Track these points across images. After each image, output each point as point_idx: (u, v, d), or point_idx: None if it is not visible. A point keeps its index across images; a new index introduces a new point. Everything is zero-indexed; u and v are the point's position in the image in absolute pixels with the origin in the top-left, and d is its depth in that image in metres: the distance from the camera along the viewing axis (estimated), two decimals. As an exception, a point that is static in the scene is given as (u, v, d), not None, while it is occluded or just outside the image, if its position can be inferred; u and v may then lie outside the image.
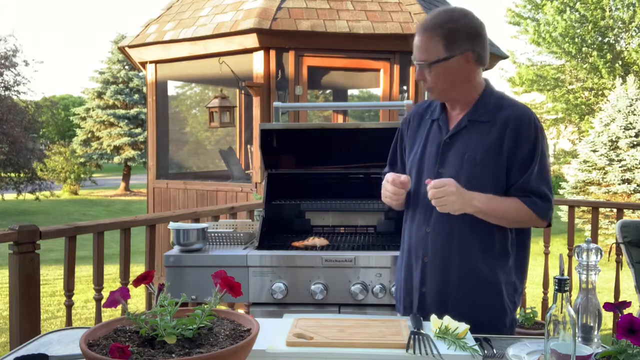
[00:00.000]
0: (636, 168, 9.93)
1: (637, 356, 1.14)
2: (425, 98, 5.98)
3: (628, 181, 9.93)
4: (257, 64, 5.58)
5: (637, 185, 9.82)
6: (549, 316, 1.13)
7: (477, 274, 1.78)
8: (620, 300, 3.38)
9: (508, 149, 1.74)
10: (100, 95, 21.90)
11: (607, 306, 1.31)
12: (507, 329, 1.79)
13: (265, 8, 5.49)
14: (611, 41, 14.87)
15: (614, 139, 10.28)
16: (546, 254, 4.22)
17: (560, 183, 12.34)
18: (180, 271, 2.27)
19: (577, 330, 1.20)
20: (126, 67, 21.58)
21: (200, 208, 5.01)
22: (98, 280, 3.06)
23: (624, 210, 4.45)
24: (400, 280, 1.95)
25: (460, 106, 1.84)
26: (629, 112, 10.34)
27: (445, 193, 1.67)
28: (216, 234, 2.43)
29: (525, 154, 1.74)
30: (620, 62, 14.49)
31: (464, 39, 1.75)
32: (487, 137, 1.76)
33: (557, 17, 14.48)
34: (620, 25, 14.77)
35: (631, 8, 14.47)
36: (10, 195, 16.61)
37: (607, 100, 11.61)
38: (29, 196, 16.44)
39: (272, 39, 5.49)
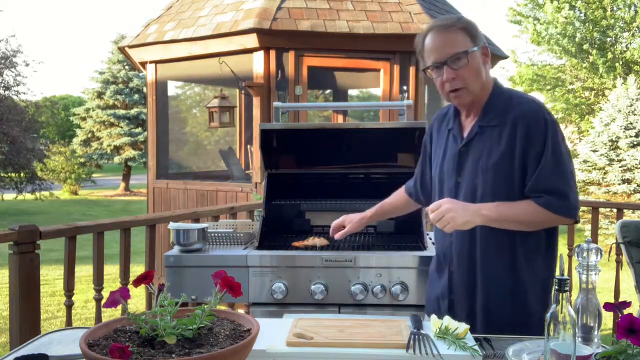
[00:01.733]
0: (636, 168, 9.93)
1: (637, 356, 1.14)
2: (426, 99, 5.98)
3: (628, 181, 9.93)
4: (257, 64, 5.58)
5: (637, 185, 9.82)
6: (549, 316, 1.13)
7: (500, 281, 1.77)
8: (620, 300, 3.38)
9: (520, 150, 1.70)
10: (100, 95, 21.89)
11: (607, 306, 1.30)
12: (534, 331, 1.68)
13: (265, 8, 5.49)
14: (612, 41, 14.87)
15: (614, 139, 10.28)
16: (546, 254, 4.22)
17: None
18: (180, 271, 2.27)
19: (577, 330, 1.20)
20: (126, 67, 21.57)
21: (200, 208, 5.01)
22: (98, 280, 3.06)
23: (624, 210, 4.45)
24: (428, 287, 2.00)
25: (474, 111, 1.82)
26: (629, 112, 10.34)
27: (443, 212, 1.67)
28: (216, 234, 2.43)
29: (536, 152, 1.69)
30: (620, 62, 14.48)
31: (479, 32, 1.77)
32: (499, 141, 1.73)
33: (556, 16, 14.48)
34: (622, 25, 14.76)
35: (632, 8, 14.47)
36: (10, 195, 16.61)
37: (608, 100, 11.61)
38: (29, 196, 16.44)
39: (272, 39, 5.48)
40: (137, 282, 1.20)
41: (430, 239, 2.40)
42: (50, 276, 7.18)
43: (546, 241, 1.79)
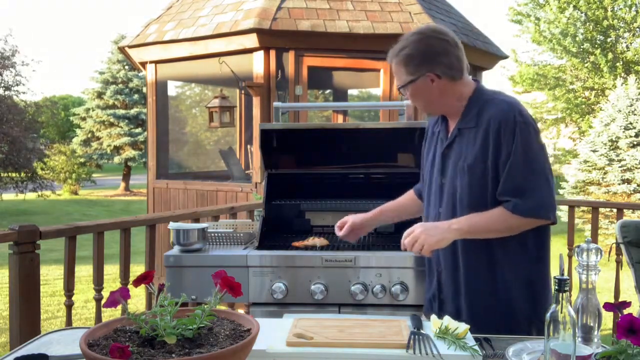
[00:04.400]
0: (636, 168, 9.92)
1: (637, 356, 1.14)
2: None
3: (628, 181, 9.93)
4: (257, 64, 5.58)
5: (637, 185, 9.82)
6: (549, 316, 1.13)
7: (480, 280, 1.80)
8: (620, 300, 3.38)
9: (493, 151, 1.72)
10: (100, 95, 21.88)
11: (607, 306, 1.30)
12: (520, 330, 1.70)
13: (265, 8, 5.49)
14: (612, 41, 14.87)
15: (614, 139, 10.28)
16: (546, 254, 4.21)
17: (560, 183, 12.34)
18: (180, 271, 2.27)
19: (577, 330, 1.20)
20: (126, 67, 21.57)
21: (200, 208, 5.01)
22: (98, 280, 3.06)
23: (624, 210, 4.44)
24: (425, 288, 2.05)
25: (453, 117, 1.87)
26: (629, 112, 10.34)
27: (414, 238, 1.73)
28: (216, 234, 2.43)
29: (506, 153, 1.70)
30: (621, 62, 14.48)
31: (420, 62, 1.78)
32: (474, 143, 1.76)
33: (559, 15, 14.48)
34: (622, 25, 14.75)
35: (633, 9, 14.46)
36: (10, 195, 16.61)
37: (608, 100, 11.61)
38: (30, 195, 16.43)
39: (272, 39, 5.49)
40: (137, 282, 1.20)
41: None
42: (50, 276, 7.18)
43: (533, 240, 1.79)
